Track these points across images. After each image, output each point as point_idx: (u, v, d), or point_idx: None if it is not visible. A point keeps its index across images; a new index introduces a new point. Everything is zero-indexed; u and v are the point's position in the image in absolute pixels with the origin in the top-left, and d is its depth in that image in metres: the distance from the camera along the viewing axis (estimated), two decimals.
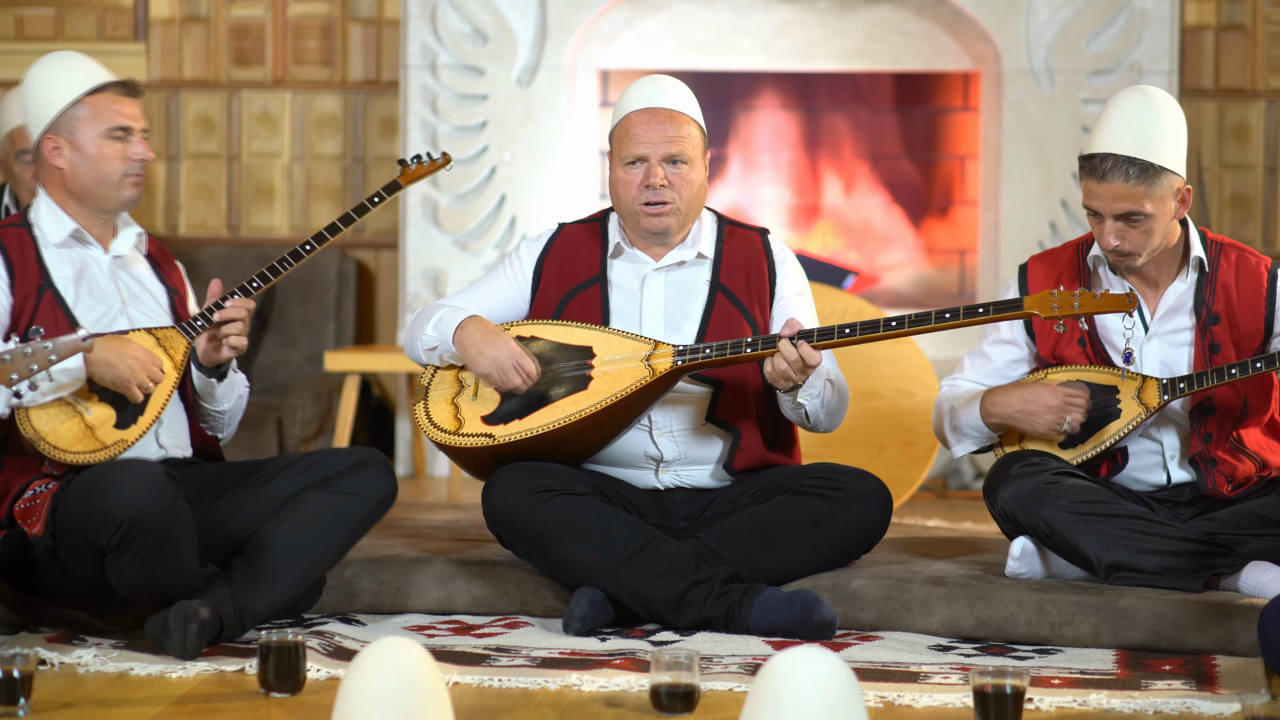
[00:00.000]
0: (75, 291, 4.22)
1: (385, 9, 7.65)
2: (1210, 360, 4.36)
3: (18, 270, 4.19)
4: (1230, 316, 4.38)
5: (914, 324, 4.23)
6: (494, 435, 4.33)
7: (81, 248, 4.28)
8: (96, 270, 4.27)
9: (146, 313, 4.29)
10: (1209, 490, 4.36)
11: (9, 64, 7.62)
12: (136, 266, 4.35)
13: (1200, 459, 4.37)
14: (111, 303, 4.25)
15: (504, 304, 4.53)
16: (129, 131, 4.27)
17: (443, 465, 7.31)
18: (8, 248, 4.21)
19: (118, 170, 4.26)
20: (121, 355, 4.06)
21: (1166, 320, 4.42)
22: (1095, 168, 4.28)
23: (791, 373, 4.23)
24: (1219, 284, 4.40)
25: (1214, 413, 4.37)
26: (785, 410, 4.40)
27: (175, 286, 4.40)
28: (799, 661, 2.94)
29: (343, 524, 4.19)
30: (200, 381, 4.31)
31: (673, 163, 4.40)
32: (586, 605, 4.21)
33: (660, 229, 4.43)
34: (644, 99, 4.45)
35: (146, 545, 3.91)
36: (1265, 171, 7.49)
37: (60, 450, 4.02)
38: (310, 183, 7.72)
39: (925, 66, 7.41)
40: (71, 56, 4.32)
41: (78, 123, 4.26)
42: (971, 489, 7.03)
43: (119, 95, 4.29)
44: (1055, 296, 4.20)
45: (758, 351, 4.27)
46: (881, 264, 7.62)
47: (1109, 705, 3.67)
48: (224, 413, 4.36)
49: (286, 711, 3.61)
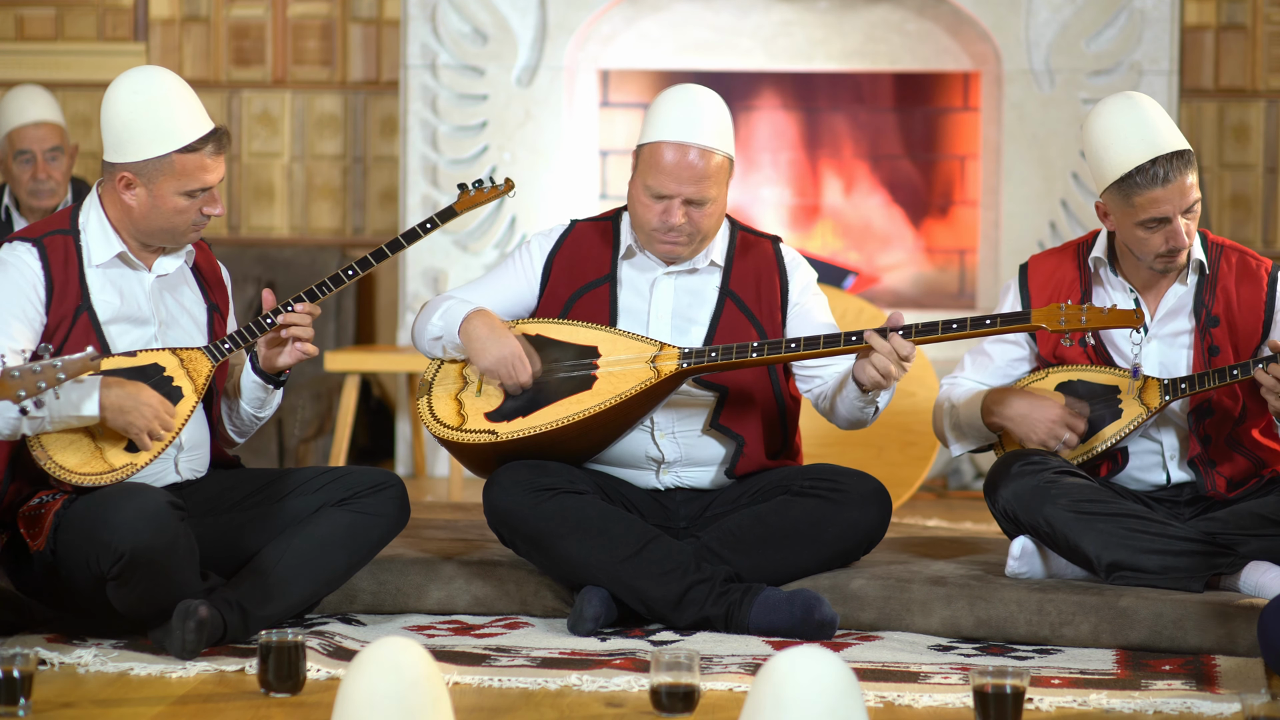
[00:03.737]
0: (115, 314, 4.10)
1: (385, 9, 7.65)
2: (1209, 363, 4.35)
3: (58, 288, 4.08)
4: (1229, 319, 4.38)
5: (921, 333, 4.21)
6: (497, 432, 4.33)
7: (126, 268, 4.15)
8: (139, 290, 4.15)
9: (183, 339, 4.19)
10: (1208, 491, 4.36)
11: (9, 64, 7.62)
12: (180, 285, 4.23)
13: (1199, 461, 4.37)
14: (148, 327, 4.14)
15: (512, 298, 4.52)
16: (208, 188, 4.12)
17: (443, 465, 7.31)
18: (51, 263, 4.08)
19: (187, 222, 4.12)
20: (136, 402, 3.95)
21: (1166, 322, 4.41)
22: (1155, 175, 4.22)
23: (892, 368, 4.18)
24: (1219, 286, 4.39)
25: (1212, 414, 4.37)
26: (849, 408, 4.34)
27: (217, 303, 4.29)
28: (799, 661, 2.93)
29: (354, 544, 4.18)
30: (256, 389, 4.24)
31: (695, 203, 4.38)
32: (599, 605, 4.21)
33: (673, 256, 4.42)
34: (679, 129, 4.34)
35: (147, 576, 3.89)
36: (1265, 171, 7.49)
37: (67, 471, 3.96)
38: (310, 183, 7.72)
39: (925, 66, 7.41)
40: (172, 94, 4.09)
41: (160, 174, 4.07)
42: (971, 489, 7.03)
43: (212, 154, 4.10)
44: (1063, 310, 4.19)
45: (763, 356, 4.27)
46: (881, 264, 7.62)
47: (1109, 705, 3.66)
48: (263, 419, 4.33)
49: (286, 711, 3.61)
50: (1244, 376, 4.24)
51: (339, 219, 7.74)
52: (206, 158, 4.09)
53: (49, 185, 6.13)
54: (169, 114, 4.08)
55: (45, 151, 6.13)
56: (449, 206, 4.47)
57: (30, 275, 4.07)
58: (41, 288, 4.08)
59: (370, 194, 7.74)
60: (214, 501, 4.20)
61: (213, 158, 4.10)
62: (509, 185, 4.52)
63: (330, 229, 7.74)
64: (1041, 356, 4.48)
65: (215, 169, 4.11)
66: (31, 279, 4.07)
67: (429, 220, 4.41)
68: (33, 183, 6.12)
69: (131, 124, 4.07)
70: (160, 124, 4.07)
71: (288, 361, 4.21)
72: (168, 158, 4.07)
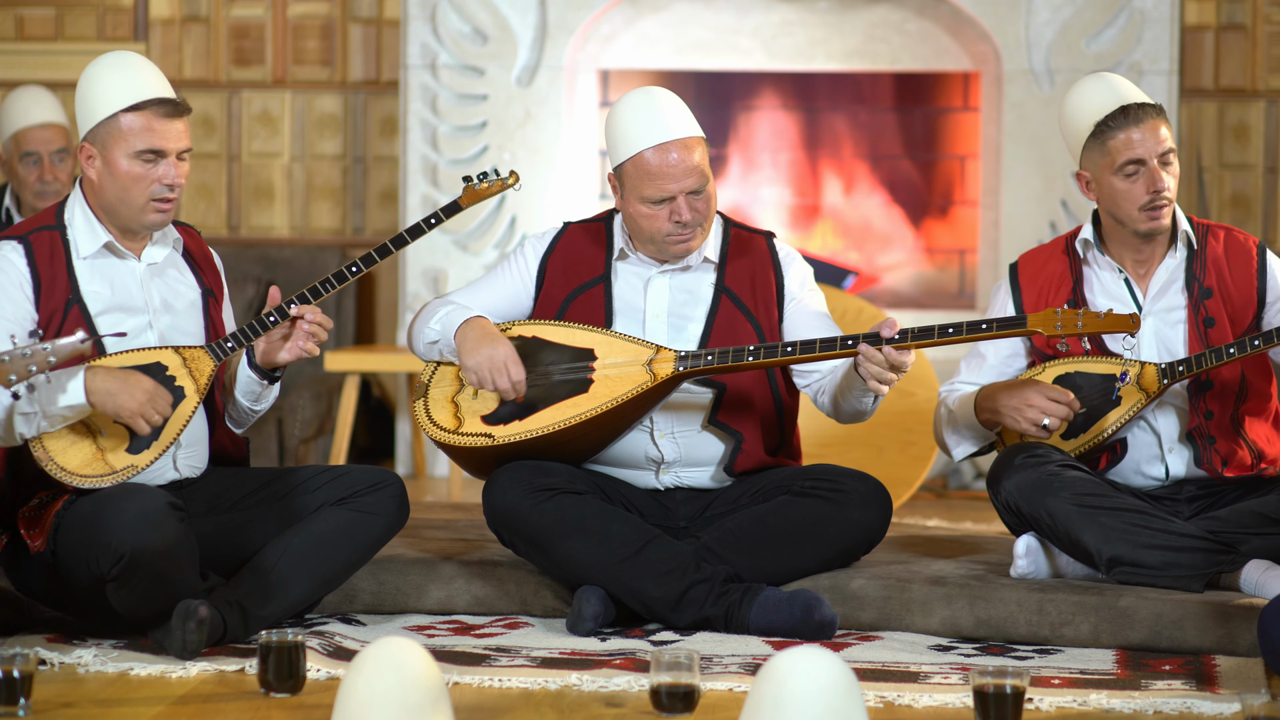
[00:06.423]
0: (106, 305, 4.10)
1: (385, 9, 7.65)
2: (1205, 335, 4.37)
3: (45, 284, 4.07)
4: (1222, 289, 4.40)
5: (917, 338, 4.21)
6: (493, 435, 4.33)
7: (114, 258, 4.15)
8: (129, 279, 4.15)
9: (177, 324, 4.19)
10: (1203, 465, 4.36)
11: (9, 64, 7.63)
12: (171, 270, 4.22)
13: (1198, 434, 4.38)
14: (141, 316, 4.14)
15: (508, 301, 4.52)
16: (161, 154, 4.09)
17: (443, 465, 7.31)
18: (37, 259, 4.08)
19: (143, 193, 4.09)
20: (125, 384, 3.95)
21: (1159, 299, 4.43)
22: (1128, 115, 4.34)
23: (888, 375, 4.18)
24: (1209, 259, 4.42)
25: (1212, 387, 4.38)
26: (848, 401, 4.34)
27: (211, 287, 4.28)
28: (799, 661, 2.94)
29: (354, 543, 4.18)
30: (251, 384, 4.23)
31: (695, 192, 4.38)
32: (598, 603, 4.21)
33: (691, 252, 4.41)
34: (653, 133, 4.35)
35: (147, 577, 3.89)
36: (1265, 171, 7.50)
37: (67, 473, 3.95)
38: (310, 183, 7.73)
39: (925, 66, 7.41)
40: (129, 62, 4.14)
41: (112, 137, 4.08)
42: (971, 489, 7.03)
43: (160, 115, 4.09)
44: (1059, 315, 4.20)
45: (759, 360, 4.27)
46: (881, 264, 7.62)
47: (1109, 705, 3.67)
48: (260, 412, 4.32)
49: (286, 711, 3.61)
50: (1240, 354, 4.25)
51: (339, 219, 7.74)
52: (155, 118, 4.08)
53: (54, 186, 6.13)
54: (119, 77, 4.10)
55: (51, 153, 6.13)
56: (454, 201, 4.47)
57: (15, 274, 4.07)
58: (29, 285, 4.07)
59: (370, 194, 7.74)
60: (214, 501, 4.20)
61: (161, 120, 4.08)
62: (514, 178, 4.51)
63: (330, 229, 7.75)
64: (1038, 350, 4.49)
65: (166, 133, 4.09)
66: (17, 277, 4.07)
67: (433, 215, 4.40)
68: (39, 184, 6.12)
69: (86, 95, 4.12)
70: (110, 86, 4.09)
71: (287, 359, 4.21)
72: (114, 118, 4.08)
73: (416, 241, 4.41)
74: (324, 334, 4.20)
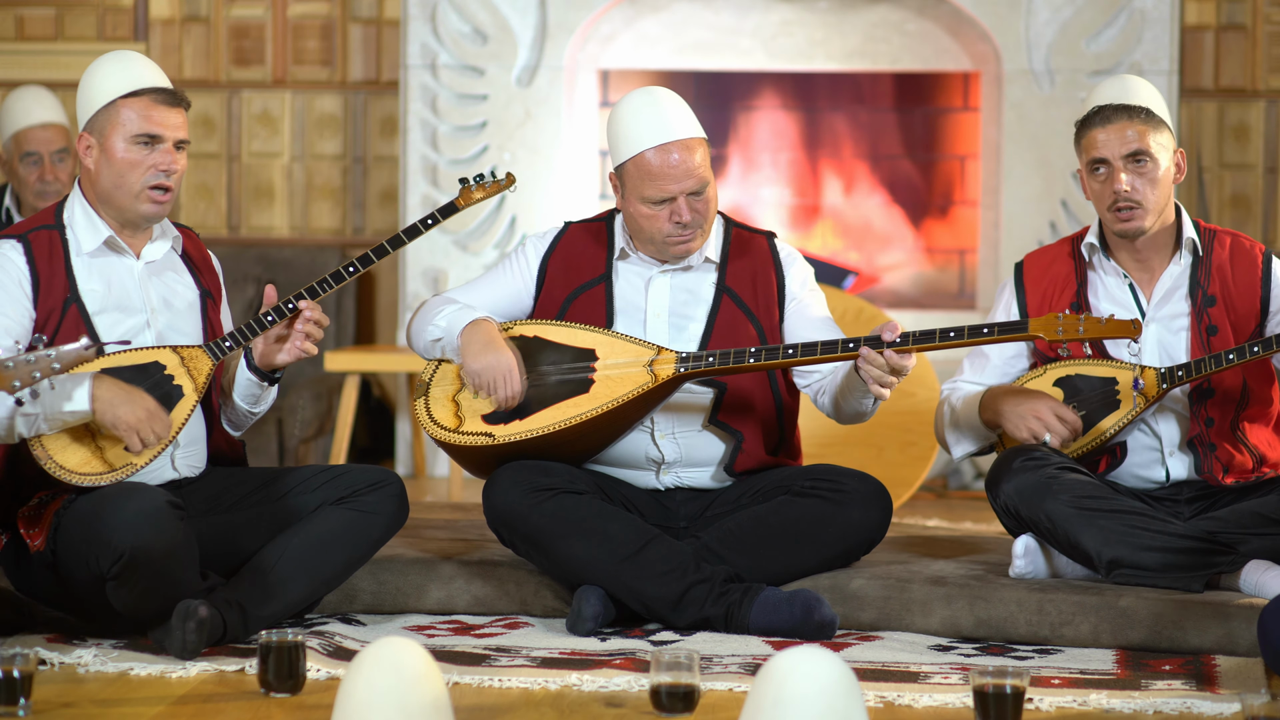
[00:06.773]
0: (103, 304, 4.11)
1: (385, 9, 7.65)
2: (1208, 343, 4.37)
3: (44, 283, 4.08)
4: (1226, 298, 4.40)
5: (918, 342, 4.21)
6: (494, 435, 4.33)
7: (114, 255, 4.16)
8: (127, 278, 4.16)
9: (175, 324, 4.19)
10: (1204, 474, 4.36)
11: (9, 64, 7.63)
12: (169, 271, 4.23)
13: (1199, 442, 4.38)
14: (139, 315, 4.14)
15: (508, 300, 4.52)
16: (157, 140, 4.12)
17: (443, 465, 7.31)
18: (36, 257, 4.09)
19: (138, 180, 4.11)
20: (129, 397, 3.95)
21: (1163, 305, 4.43)
22: (1098, 115, 4.36)
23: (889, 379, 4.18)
24: (1214, 266, 4.42)
25: (1213, 395, 4.37)
26: (848, 402, 4.35)
27: (209, 290, 4.28)
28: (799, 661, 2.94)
29: (354, 542, 4.18)
30: (250, 386, 4.23)
31: (696, 193, 4.38)
32: (597, 603, 4.21)
33: (691, 253, 4.42)
34: (655, 133, 4.35)
35: (147, 576, 3.89)
36: (1265, 171, 7.50)
37: (67, 471, 3.95)
38: (310, 183, 7.73)
39: (925, 66, 7.42)
40: (128, 57, 4.20)
41: (109, 124, 4.12)
42: (971, 489, 7.03)
43: (156, 102, 4.13)
44: (1060, 320, 4.20)
45: (760, 362, 4.27)
46: (881, 264, 7.62)
47: (1109, 705, 3.67)
48: (257, 415, 4.32)
49: (286, 711, 3.61)
50: (1239, 360, 4.25)
51: (339, 219, 7.74)
52: (152, 105, 4.13)
53: (55, 187, 6.13)
54: (118, 69, 4.16)
55: (52, 154, 6.13)
56: (450, 202, 4.48)
57: (15, 272, 4.08)
58: (28, 284, 4.08)
59: (370, 194, 7.74)
60: (213, 501, 4.20)
61: (159, 107, 4.13)
62: (510, 180, 4.53)
63: (330, 229, 7.75)
64: (1040, 351, 4.49)
65: (163, 119, 4.13)
66: (16, 276, 4.08)
67: (430, 216, 4.42)
68: (39, 184, 6.13)
69: (86, 88, 4.17)
70: (108, 77, 4.15)
71: (286, 360, 4.21)
72: (112, 105, 4.13)
73: (416, 241, 4.42)
74: (320, 332, 4.20)
